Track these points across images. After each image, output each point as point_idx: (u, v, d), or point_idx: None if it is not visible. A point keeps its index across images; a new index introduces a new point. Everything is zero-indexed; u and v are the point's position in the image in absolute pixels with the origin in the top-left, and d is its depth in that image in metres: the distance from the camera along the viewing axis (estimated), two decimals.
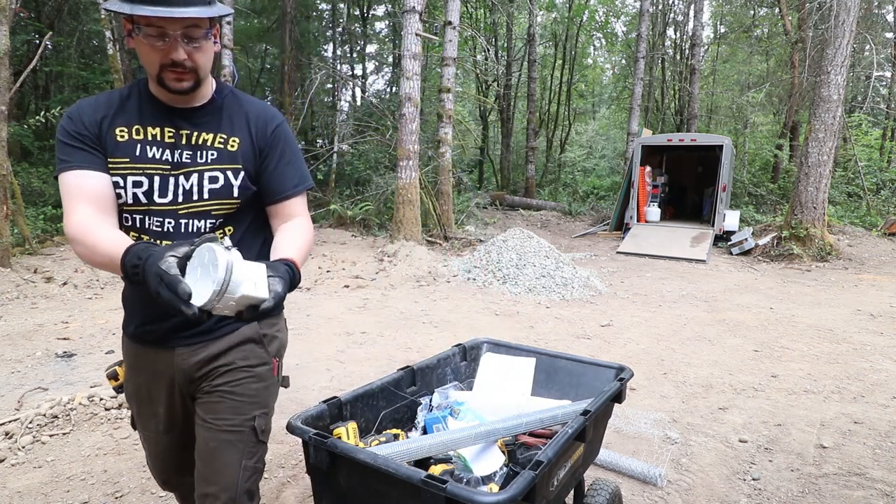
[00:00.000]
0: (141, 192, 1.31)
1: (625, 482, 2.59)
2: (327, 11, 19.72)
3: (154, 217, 1.32)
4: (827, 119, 9.04)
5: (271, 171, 1.41)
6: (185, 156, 1.33)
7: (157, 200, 1.32)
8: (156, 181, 1.31)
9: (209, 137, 1.36)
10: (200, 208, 1.34)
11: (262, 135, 1.40)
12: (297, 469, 2.65)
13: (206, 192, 1.34)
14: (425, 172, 10.61)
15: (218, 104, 1.39)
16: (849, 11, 8.72)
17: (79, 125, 1.30)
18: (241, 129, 1.39)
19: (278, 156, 1.42)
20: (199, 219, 1.35)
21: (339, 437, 1.53)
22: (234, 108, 1.41)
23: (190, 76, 1.27)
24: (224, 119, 1.38)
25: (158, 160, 1.32)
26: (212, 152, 1.35)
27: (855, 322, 5.51)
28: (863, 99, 14.85)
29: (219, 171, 1.35)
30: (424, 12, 8.86)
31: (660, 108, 20.93)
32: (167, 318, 1.36)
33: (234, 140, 1.38)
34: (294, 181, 1.43)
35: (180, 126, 1.34)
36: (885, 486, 2.58)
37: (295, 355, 4.23)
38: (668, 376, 4.00)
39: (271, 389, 1.51)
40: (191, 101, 1.35)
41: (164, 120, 1.34)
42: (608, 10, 22.12)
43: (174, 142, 1.33)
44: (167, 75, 1.26)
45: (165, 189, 1.32)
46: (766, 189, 15.02)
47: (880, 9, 17.24)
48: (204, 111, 1.37)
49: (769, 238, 9.70)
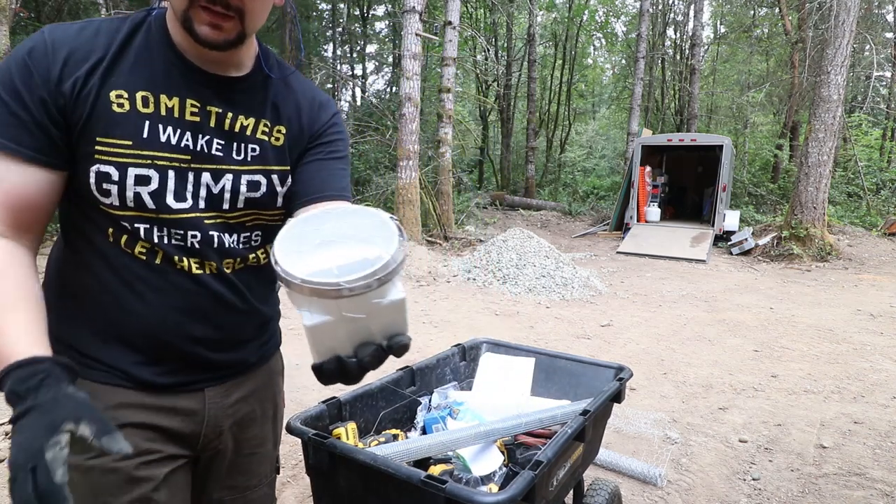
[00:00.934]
0: (147, 191, 0.88)
1: (625, 482, 2.59)
2: (327, 11, 19.73)
3: (169, 228, 0.91)
4: (827, 119, 9.04)
5: (319, 164, 1.02)
6: (214, 145, 0.93)
7: (170, 205, 0.90)
8: (170, 177, 0.89)
9: (249, 124, 0.96)
10: (233, 219, 0.97)
11: (314, 123, 1.03)
12: (296, 469, 2.65)
13: (241, 199, 0.96)
14: (425, 172, 10.61)
15: (262, 78, 0.98)
16: (849, 11, 8.72)
17: (40, 72, 0.81)
18: (289, 115, 1.01)
19: (330, 149, 1.04)
20: (231, 232, 0.98)
21: (339, 437, 1.53)
22: (280, 86, 1.01)
23: (233, 24, 0.84)
24: (269, 99, 0.99)
25: (175, 147, 0.89)
26: (253, 147, 0.96)
27: (855, 322, 5.51)
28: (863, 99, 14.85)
29: (261, 173, 0.97)
30: (424, 12, 8.86)
31: (660, 108, 20.94)
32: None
33: (280, 130, 1.00)
34: (343, 182, 1.03)
35: (208, 99, 0.92)
36: (885, 486, 2.58)
37: (295, 355, 4.23)
38: (668, 376, 4.00)
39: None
40: (226, 66, 0.93)
41: (185, 86, 0.90)
42: (608, 11, 22.12)
43: (198, 121, 0.91)
44: (198, 15, 0.82)
45: (183, 190, 0.91)
46: (766, 189, 15.02)
47: (880, 9, 17.24)
48: (244, 84, 0.96)
49: (769, 238, 9.70)
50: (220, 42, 0.85)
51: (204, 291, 0.96)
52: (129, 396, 0.94)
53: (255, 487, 1.12)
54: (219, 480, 1.08)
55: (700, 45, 17.68)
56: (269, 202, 1.00)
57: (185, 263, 0.93)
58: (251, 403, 1.08)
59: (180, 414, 0.99)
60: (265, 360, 1.13)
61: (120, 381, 0.94)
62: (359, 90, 19.32)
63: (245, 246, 1.00)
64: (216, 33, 0.84)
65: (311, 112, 1.03)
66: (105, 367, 0.93)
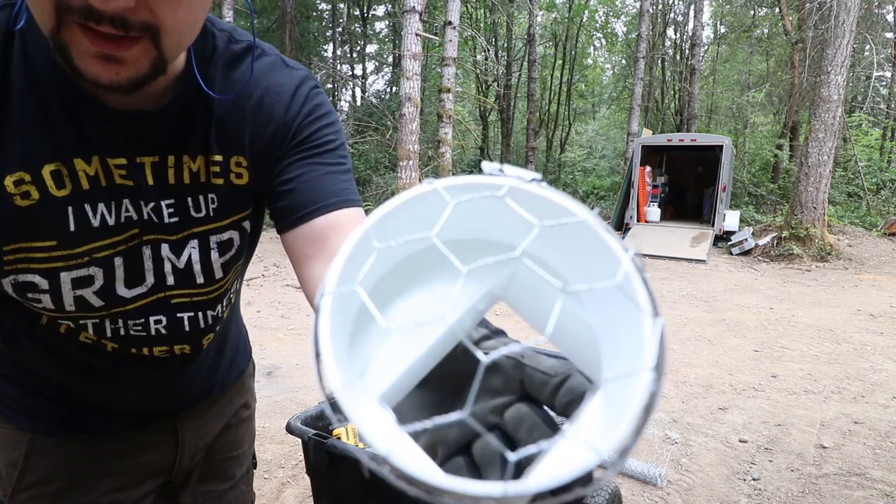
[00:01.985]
0: (92, 291, 0.65)
1: (625, 482, 2.59)
2: (327, 11, 19.73)
3: (126, 320, 0.70)
4: (827, 119, 9.04)
5: (308, 167, 0.70)
6: (164, 211, 0.67)
7: (124, 295, 0.68)
8: (118, 266, 0.66)
9: (196, 165, 0.67)
10: (210, 294, 0.75)
11: (287, 124, 0.70)
12: (296, 469, 2.65)
13: (218, 268, 0.74)
14: (425, 172, 10.60)
15: (196, 91, 0.65)
16: (849, 11, 8.72)
17: None
18: (247, 129, 0.69)
19: (317, 143, 0.71)
20: (212, 307, 0.77)
21: (339, 437, 1.53)
22: (228, 90, 0.67)
23: (140, 50, 0.51)
24: (216, 121, 0.67)
25: (115, 228, 0.64)
26: (211, 196, 0.69)
27: (855, 322, 5.51)
28: (863, 99, 14.85)
29: (231, 227, 0.73)
30: (424, 12, 8.87)
31: (660, 109, 20.94)
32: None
33: (240, 163, 0.70)
34: (342, 184, 0.70)
35: (134, 147, 0.63)
36: (885, 487, 2.58)
37: (295, 355, 4.24)
38: (669, 376, 4.00)
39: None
40: (146, 95, 0.62)
41: (100, 137, 0.61)
42: (608, 11, 22.12)
43: (132, 184, 0.64)
44: (77, 40, 0.48)
45: (139, 270, 0.68)
46: (766, 189, 15.02)
47: (880, 9, 17.24)
48: (175, 110, 0.64)
49: (769, 238, 9.69)
50: (123, 84, 0.51)
51: (172, 375, 0.81)
52: (89, 447, 0.81)
53: (231, 489, 1.03)
54: (193, 488, 0.97)
55: (700, 45, 17.68)
56: (246, 252, 0.78)
57: (145, 352, 0.75)
58: (225, 416, 0.98)
59: (150, 447, 0.86)
60: (240, 375, 1.01)
61: (70, 432, 0.79)
62: (359, 90, 19.34)
63: (227, 307, 0.82)
64: (112, 71, 0.50)
65: (279, 109, 0.70)
66: (47, 416, 0.79)
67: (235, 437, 1.01)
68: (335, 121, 0.74)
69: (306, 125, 0.71)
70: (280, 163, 0.70)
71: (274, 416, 3.13)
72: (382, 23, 20.76)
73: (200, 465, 0.96)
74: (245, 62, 0.68)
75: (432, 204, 0.32)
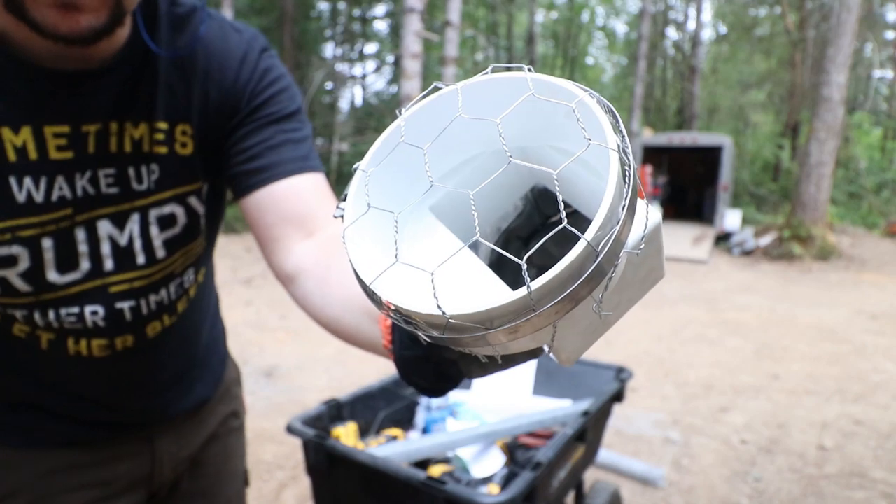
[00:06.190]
0: (16, 273, 0.61)
1: (625, 483, 2.59)
2: (327, 11, 19.74)
3: (58, 309, 0.65)
4: (828, 119, 9.03)
5: (262, 133, 0.69)
6: (102, 181, 0.63)
7: (54, 282, 0.64)
8: (46, 248, 0.62)
9: (139, 132, 0.64)
10: (153, 276, 0.70)
11: (237, 90, 0.68)
12: (296, 470, 2.65)
13: (160, 246, 0.69)
14: None
15: (143, 52, 0.62)
16: (850, 11, 8.71)
17: None
18: (194, 96, 0.67)
19: (272, 110, 0.70)
20: (155, 291, 0.71)
21: (339, 438, 1.53)
22: (173, 54, 0.65)
23: (96, 3, 0.50)
24: (161, 87, 0.64)
25: (44, 206, 0.60)
26: (153, 166, 0.66)
27: (856, 322, 5.50)
28: (864, 98, 14.84)
29: (174, 200, 0.68)
30: (424, 12, 8.87)
31: (661, 108, 20.94)
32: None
33: (185, 131, 0.67)
34: (301, 151, 0.70)
35: (79, 115, 0.60)
36: (886, 487, 2.58)
37: (294, 356, 4.23)
38: (669, 377, 4.00)
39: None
40: (91, 54, 0.58)
41: (35, 104, 0.57)
42: (608, 11, 22.14)
43: (71, 157, 0.60)
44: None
45: (72, 255, 0.64)
46: (767, 189, 15.03)
47: (881, 8, 17.23)
48: (119, 75, 0.61)
49: (770, 238, 9.69)
50: (84, 33, 0.50)
51: (119, 371, 0.74)
52: (56, 459, 0.75)
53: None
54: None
55: (701, 44, 17.68)
56: (192, 233, 0.72)
57: (81, 347, 0.69)
58: (209, 425, 0.90)
59: (124, 458, 0.80)
60: (220, 383, 0.92)
61: (38, 443, 0.74)
62: (359, 90, 19.36)
63: (177, 296, 0.75)
64: (72, 19, 0.49)
65: (228, 76, 0.67)
66: (6, 425, 0.74)
67: (225, 450, 0.94)
68: (289, 85, 0.72)
69: (259, 92, 0.69)
70: (235, 132, 0.69)
71: (274, 416, 3.13)
72: (382, 23, 20.79)
73: (187, 481, 0.89)
74: (192, 25, 0.66)
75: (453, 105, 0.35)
